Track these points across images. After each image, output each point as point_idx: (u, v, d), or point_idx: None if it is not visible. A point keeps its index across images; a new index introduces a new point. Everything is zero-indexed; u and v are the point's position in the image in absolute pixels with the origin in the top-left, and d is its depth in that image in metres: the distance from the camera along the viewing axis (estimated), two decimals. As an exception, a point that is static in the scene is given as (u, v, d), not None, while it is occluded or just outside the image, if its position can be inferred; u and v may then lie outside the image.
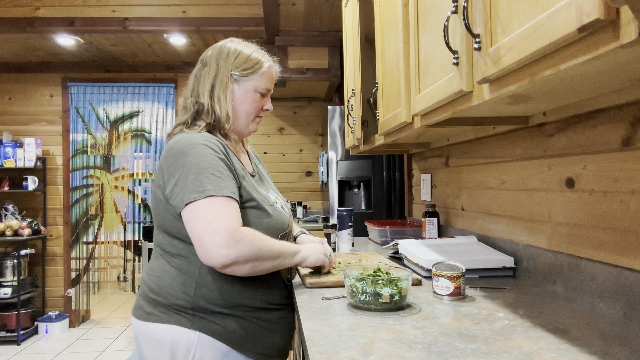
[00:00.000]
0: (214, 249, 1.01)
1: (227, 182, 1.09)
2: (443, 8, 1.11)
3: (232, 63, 1.25)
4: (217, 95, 1.23)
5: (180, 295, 1.11)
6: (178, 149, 1.13)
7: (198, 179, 1.06)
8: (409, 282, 1.09)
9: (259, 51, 1.31)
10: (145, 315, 1.14)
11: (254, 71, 1.26)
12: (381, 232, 2.25)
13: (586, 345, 0.84)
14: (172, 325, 1.10)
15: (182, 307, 1.11)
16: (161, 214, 1.16)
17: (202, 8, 3.73)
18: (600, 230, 1.11)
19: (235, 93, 1.25)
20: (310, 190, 4.88)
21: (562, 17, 0.63)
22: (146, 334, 1.13)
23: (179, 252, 1.14)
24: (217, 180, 1.07)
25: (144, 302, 1.16)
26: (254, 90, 1.26)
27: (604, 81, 0.89)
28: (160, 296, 1.13)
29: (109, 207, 4.69)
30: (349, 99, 2.36)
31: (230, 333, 1.12)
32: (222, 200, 1.06)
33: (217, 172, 1.09)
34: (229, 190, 1.08)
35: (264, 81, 1.28)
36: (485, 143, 1.74)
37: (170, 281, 1.13)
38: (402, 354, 0.81)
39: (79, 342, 4.10)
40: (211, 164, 1.09)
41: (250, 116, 1.28)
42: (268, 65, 1.29)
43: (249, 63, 1.26)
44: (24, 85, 4.62)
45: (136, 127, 4.70)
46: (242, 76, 1.25)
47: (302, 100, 4.89)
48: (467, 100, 1.02)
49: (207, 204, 1.04)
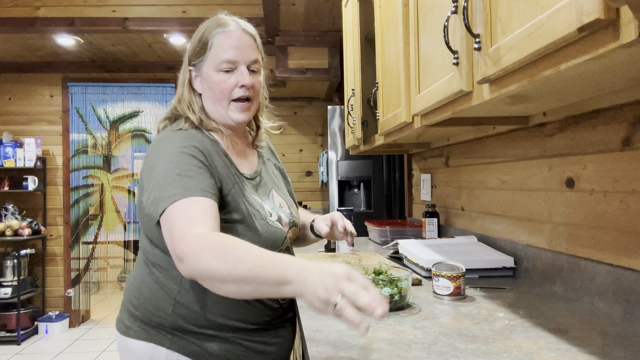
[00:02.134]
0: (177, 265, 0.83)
1: (196, 181, 0.92)
2: (443, 8, 1.11)
3: (189, 52, 1.07)
4: (183, 97, 1.09)
5: (157, 313, 1.01)
6: (153, 150, 1.01)
7: (164, 185, 0.91)
8: (409, 282, 1.09)
9: (213, 20, 1.06)
10: (124, 329, 1.06)
11: (203, 50, 1.04)
12: (381, 232, 2.25)
13: (586, 345, 0.84)
14: (151, 343, 1.01)
15: (161, 325, 1.01)
16: (143, 219, 1.03)
17: (202, 8, 3.73)
18: (600, 230, 1.11)
19: (200, 84, 1.08)
20: (310, 190, 4.88)
21: (562, 17, 0.63)
22: (126, 348, 1.06)
23: (158, 262, 1.02)
24: (184, 180, 0.91)
25: (125, 314, 1.07)
26: (214, 70, 1.03)
27: (604, 81, 0.89)
28: (138, 311, 1.04)
29: (109, 207, 4.69)
30: (349, 99, 2.36)
31: (212, 356, 0.99)
32: (185, 203, 0.88)
33: (185, 171, 0.93)
34: (198, 189, 0.90)
35: (220, 53, 1.02)
36: (485, 143, 1.74)
37: (149, 295, 1.02)
38: (402, 354, 0.81)
39: (79, 342, 4.10)
40: (179, 164, 0.94)
41: (222, 103, 1.05)
42: (219, 33, 1.03)
43: (199, 42, 1.05)
44: (24, 85, 4.61)
45: (136, 127, 4.70)
46: (198, 61, 1.06)
47: (302, 100, 4.89)
48: (467, 100, 1.02)
49: (169, 212, 0.88)
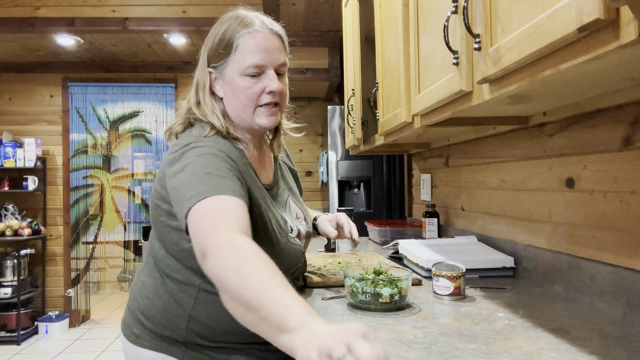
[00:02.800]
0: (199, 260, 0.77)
1: (228, 181, 0.86)
2: (443, 8, 1.11)
3: (207, 52, 0.99)
4: (201, 102, 1.01)
5: (170, 327, 0.97)
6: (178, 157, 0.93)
7: (191, 183, 0.85)
8: (409, 282, 1.09)
9: (237, 18, 0.97)
10: (134, 338, 1.02)
11: (226, 52, 0.97)
12: (381, 232, 2.25)
13: (586, 345, 0.84)
14: (163, 354, 0.97)
15: (172, 338, 0.97)
16: (160, 225, 0.99)
17: (202, 8, 3.73)
18: (600, 230, 1.11)
19: (223, 88, 1.00)
20: (310, 190, 4.87)
21: (562, 17, 0.63)
22: (133, 356, 1.02)
23: (173, 274, 0.98)
24: (215, 179, 0.85)
25: (134, 322, 1.03)
26: (238, 75, 0.97)
27: (604, 81, 0.89)
28: (150, 321, 0.99)
29: (109, 207, 4.69)
30: (349, 99, 2.36)
31: None
32: (219, 200, 0.81)
33: (216, 171, 0.87)
34: (230, 188, 0.84)
35: (246, 56, 0.95)
36: (485, 143, 1.74)
37: (162, 308, 0.98)
38: (402, 354, 0.81)
39: (79, 342, 4.10)
40: (209, 164, 0.88)
41: (247, 110, 0.99)
42: (246, 34, 0.95)
43: (221, 43, 0.97)
44: (24, 85, 4.61)
45: (136, 127, 4.70)
46: (220, 64, 0.98)
47: (302, 100, 4.89)
48: (467, 100, 1.02)
49: (202, 207, 0.80)
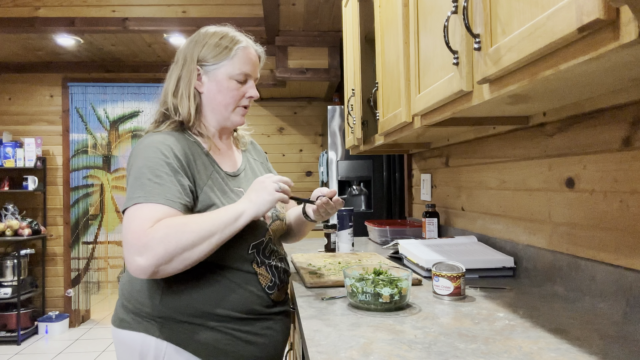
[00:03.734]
0: (130, 261, 0.94)
1: (163, 188, 0.99)
2: (443, 8, 1.11)
3: (199, 52, 1.13)
4: (180, 92, 1.13)
5: (147, 303, 1.07)
6: (133, 152, 1.08)
7: (134, 186, 1.00)
8: (409, 282, 1.09)
9: (232, 32, 1.17)
10: (118, 322, 1.11)
11: (223, 56, 1.13)
12: (381, 232, 2.25)
13: (586, 345, 0.84)
14: (141, 333, 1.06)
15: (150, 315, 1.06)
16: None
17: (202, 8, 3.73)
18: (601, 230, 1.11)
19: (206, 85, 1.15)
20: (310, 190, 4.86)
21: (562, 17, 0.63)
22: (120, 341, 1.11)
23: None
24: (152, 186, 0.99)
25: (119, 308, 1.13)
26: (228, 77, 1.14)
27: (604, 81, 0.89)
28: (130, 303, 1.09)
29: (109, 207, 4.69)
30: (349, 99, 2.36)
31: (200, 344, 1.05)
32: (147, 207, 0.97)
33: (156, 178, 1.00)
34: (163, 196, 0.98)
35: (239, 65, 1.14)
36: (485, 143, 1.74)
37: (139, 287, 1.09)
38: (402, 354, 0.81)
39: (79, 342, 4.10)
40: (152, 168, 1.01)
41: (228, 107, 1.16)
42: (242, 47, 1.15)
43: (217, 48, 1.13)
44: (24, 85, 4.61)
45: (136, 127, 4.70)
46: (211, 64, 1.13)
47: (302, 100, 4.89)
48: (467, 100, 1.02)
49: (132, 211, 0.97)
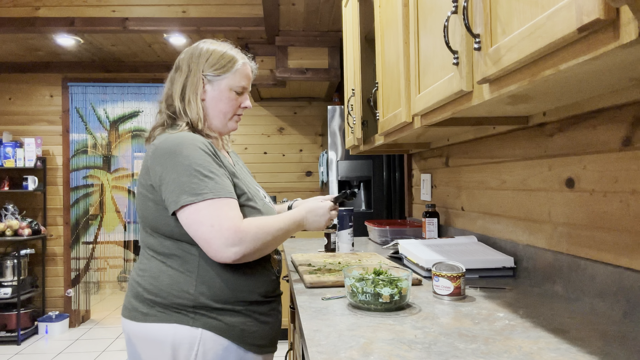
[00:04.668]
0: (222, 250, 1.07)
1: (222, 182, 1.12)
2: (443, 8, 1.11)
3: (203, 63, 1.26)
4: (187, 97, 1.24)
5: (180, 294, 1.13)
6: (166, 148, 1.14)
7: (193, 181, 1.09)
8: (409, 282, 1.09)
9: (232, 49, 1.31)
10: (142, 317, 1.14)
11: (226, 69, 1.26)
12: (381, 232, 2.25)
13: (586, 345, 0.84)
14: (173, 324, 1.11)
15: (183, 306, 1.12)
16: (151, 215, 1.17)
17: (202, 8, 3.73)
18: (601, 230, 1.11)
19: (209, 93, 1.27)
20: (310, 190, 4.87)
21: (562, 17, 0.63)
22: (144, 335, 1.14)
23: (172, 252, 1.16)
24: (212, 182, 1.10)
25: (139, 304, 1.16)
26: (229, 89, 1.27)
27: (604, 81, 0.89)
28: (159, 296, 1.13)
29: (109, 207, 4.69)
30: (349, 99, 2.36)
31: (230, 327, 1.15)
32: (221, 201, 1.09)
33: (211, 174, 1.11)
34: (226, 190, 1.12)
35: (238, 79, 1.28)
36: (485, 143, 1.74)
37: (169, 281, 1.14)
38: (402, 354, 0.81)
39: (79, 342, 4.10)
40: (204, 165, 1.12)
41: (227, 115, 1.30)
42: (242, 63, 1.30)
43: (221, 62, 1.27)
44: (24, 85, 4.61)
45: (136, 127, 4.70)
46: (215, 76, 1.26)
47: (302, 100, 4.89)
48: (467, 100, 1.02)
49: (206, 206, 1.08)
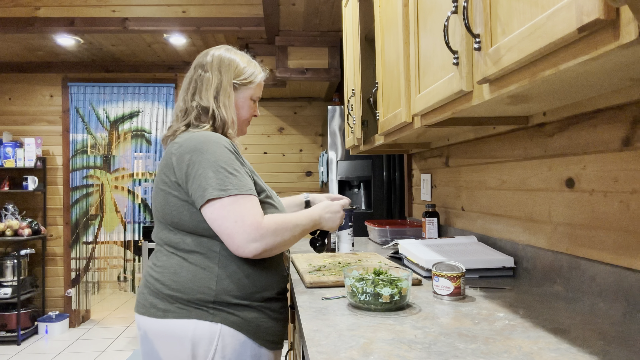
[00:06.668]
0: (244, 245, 1.13)
1: (245, 180, 1.19)
2: (443, 8, 1.11)
3: (233, 72, 1.38)
4: (222, 101, 1.34)
5: (202, 290, 1.16)
6: (192, 146, 1.19)
7: (219, 177, 1.15)
8: (409, 282, 1.09)
9: (252, 62, 1.46)
10: (161, 313, 1.17)
11: (251, 81, 1.40)
12: (381, 232, 2.25)
13: (586, 345, 0.84)
14: (193, 319, 1.15)
15: (203, 302, 1.16)
16: (174, 211, 1.21)
17: (202, 8, 3.73)
18: (601, 230, 1.11)
19: (234, 101, 1.38)
20: (310, 190, 4.87)
21: (562, 17, 0.63)
22: (163, 332, 1.16)
23: (193, 248, 1.20)
24: (236, 179, 1.17)
25: (157, 300, 1.18)
26: (250, 98, 1.41)
27: (604, 81, 0.89)
28: (179, 292, 1.17)
29: (109, 207, 4.69)
30: (349, 99, 2.36)
31: (248, 323, 1.19)
32: (244, 198, 1.15)
33: (235, 171, 1.18)
34: (248, 187, 1.18)
35: (258, 90, 1.43)
36: (485, 143, 1.74)
37: (191, 277, 1.17)
38: (402, 354, 0.81)
39: (79, 342, 4.10)
40: (228, 163, 1.18)
41: (245, 121, 1.44)
42: (262, 76, 1.45)
43: (247, 74, 1.40)
44: (24, 85, 4.61)
45: (136, 127, 4.70)
46: (241, 85, 1.38)
47: (302, 100, 4.89)
48: (467, 100, 1.02)
49: (231, 202, 1.13)
